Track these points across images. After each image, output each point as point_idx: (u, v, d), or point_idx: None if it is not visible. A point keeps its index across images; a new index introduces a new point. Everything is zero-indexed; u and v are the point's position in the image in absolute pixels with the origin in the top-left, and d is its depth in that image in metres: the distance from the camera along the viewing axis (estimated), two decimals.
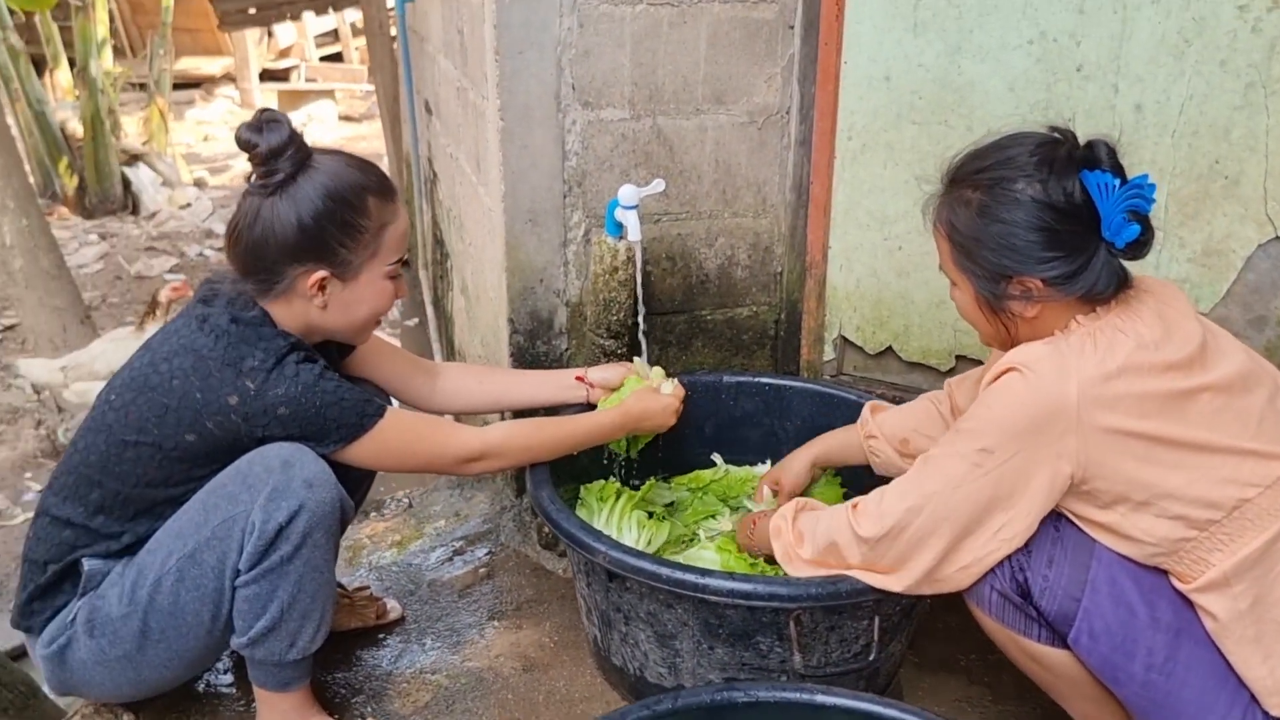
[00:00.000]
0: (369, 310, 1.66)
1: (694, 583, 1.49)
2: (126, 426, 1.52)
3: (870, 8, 2.11)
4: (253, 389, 1.49)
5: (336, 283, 1.59)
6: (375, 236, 1.60)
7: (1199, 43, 1.88)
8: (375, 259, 1.61)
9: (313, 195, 1.54)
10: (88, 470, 1.54)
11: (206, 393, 1.49)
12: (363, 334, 1.73)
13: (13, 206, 3.73)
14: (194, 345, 1.52)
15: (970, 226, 1.41)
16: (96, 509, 1.54)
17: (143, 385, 1.53)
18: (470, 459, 1.70)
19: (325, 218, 1.54)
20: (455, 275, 3.33)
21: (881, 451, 1.82)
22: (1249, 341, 1.98)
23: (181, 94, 10.30)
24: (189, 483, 1.54)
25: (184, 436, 1.51)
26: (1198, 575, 1.34)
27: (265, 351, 1.51)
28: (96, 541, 1.55)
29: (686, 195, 2.21)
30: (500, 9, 1.96)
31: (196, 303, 1.59)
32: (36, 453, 3.60)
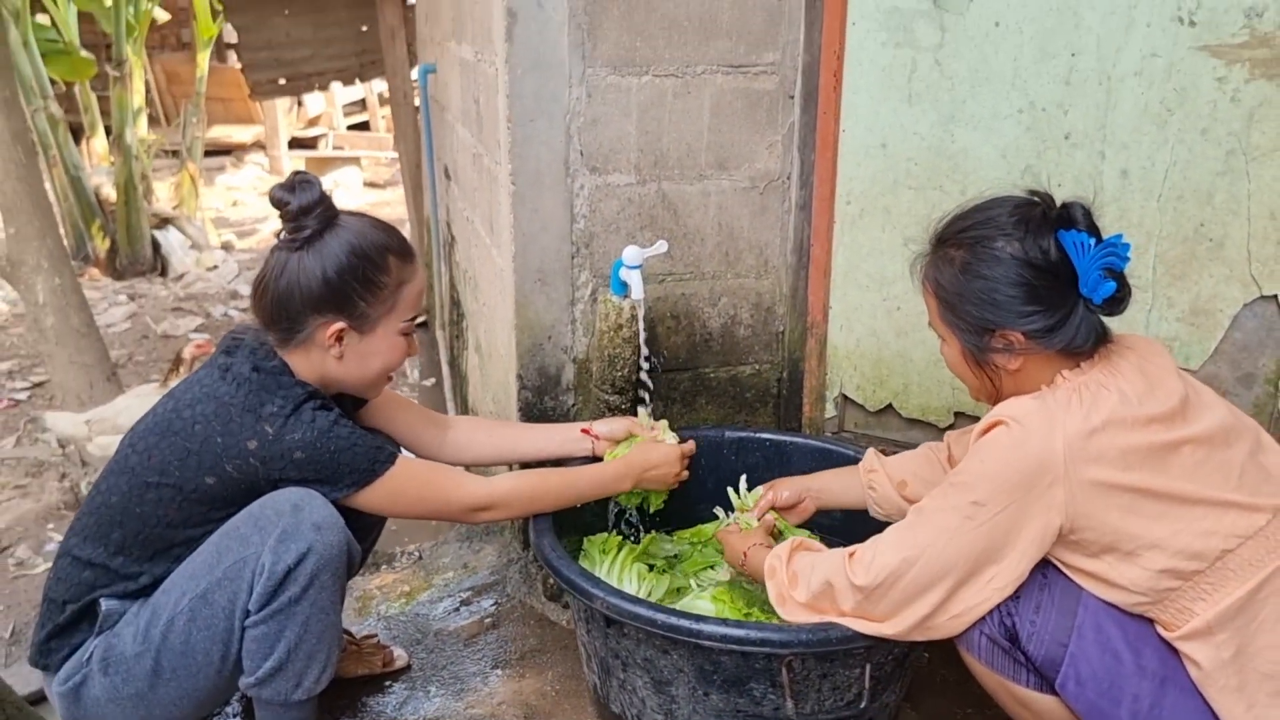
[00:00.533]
0: (381, 364, 1.73)
1: (688, 628, 1.53)
2: (149, 469, 1.58)
3: (867, 79, 2.20)
4: (271, 433, 1.56)
5: (354, 335, 1.68)
6: (393, 293, 1.69)
7: (1181, 112, 1.96)
8: (392, 314, 1.70)
9: (338, 250, 1.64)
10: (109, 511, 1.61)
11: (227, 437, 1.56)
12: (374, 388, 1.80)
13: (47, 266, 3.86)
14: (216, 393, 1.60)
15: (954, 283, 1.48)
16: (117, 549, 1.60)
17: (166, 430, 1.60)
18: (477, 508, 1.76)
19: (348, 272, 1.64)
20: (470, 334, 3.41)
21: (880, 486, 1.87)
22: (1238, 398, 2.03)
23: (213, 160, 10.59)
24: (206, 524, 1.60)
25: (204, 479, 1.57)
26: (1182, 624, 1.37)
27: (284, 399, 1.59)
28: (115, 581, 1.61)
29: (690, 257, 2.29)
30: (513, 80, 2.07)
31: (219, 353, 1.67)
32: (60, 505, 3.67)
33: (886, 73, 2.18)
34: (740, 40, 2.16)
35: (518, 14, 2.03)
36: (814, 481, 1.98)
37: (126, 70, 7.16)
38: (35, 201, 3.88)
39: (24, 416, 4.57)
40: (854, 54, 2.18)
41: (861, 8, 2.15)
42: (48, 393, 4.77)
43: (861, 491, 1.91)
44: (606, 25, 2.08)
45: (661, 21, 2.11)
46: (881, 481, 1.87)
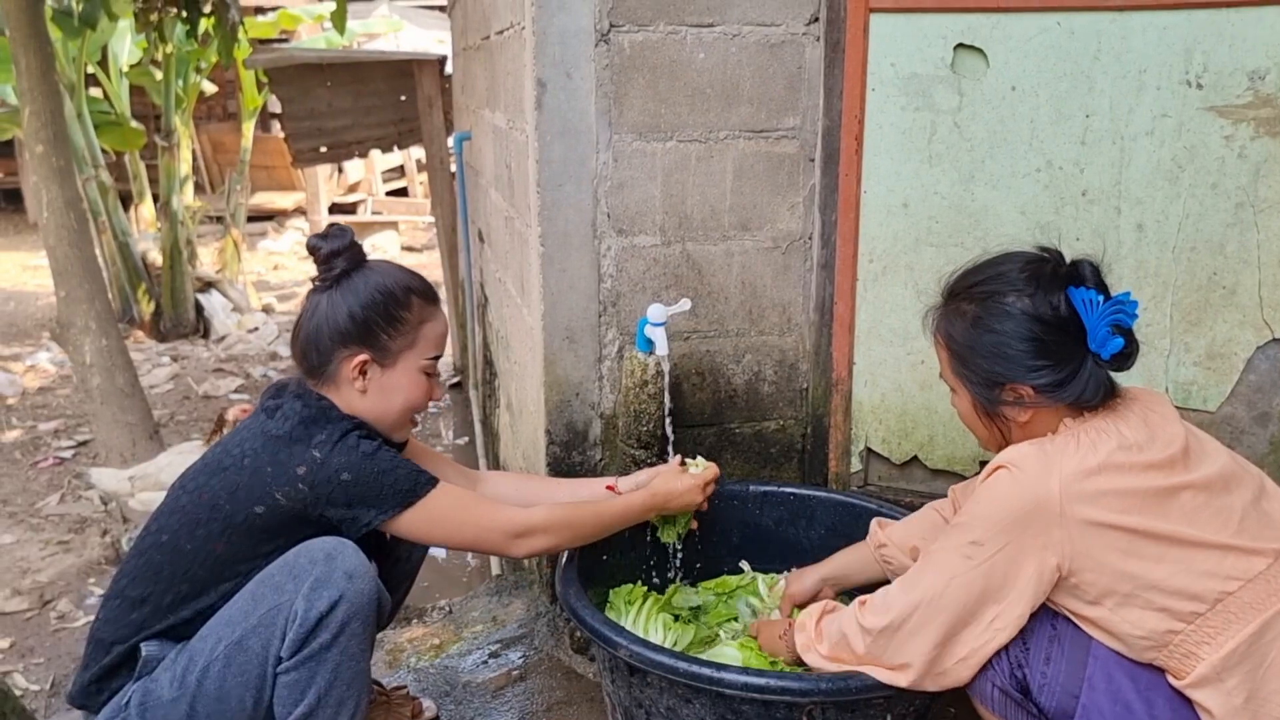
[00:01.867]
0: (404, 400, 1.80)
1: (709, 676, 1.55)
2: (200, 506, 1.66)
3: (887, 142, 2.26)
4: (319, 458, 1.64)
5: (376, 368, 1.76)
6: (414, 329, 1.79)
7: (1191, 168, 2.01)
8: (412, 350, 1.79)
9: (362, 287, 1.76)
10: (159, 550, 1.67)
11: (276, 466, 1.64)
12: (399, 427, 1.85)
13: (95, 328, 4.00)
14: (265, 429, 1.68)
15: (966, 336, 1.52)
16: (168, 586, 1.66)
17: (216, 468, 1.68)
18: (518, 534, 1.78)
19: (372, 306, 1.75)
20: (502, 393, 3.48)
21: (895, 559, 1.89)
22: (1254, 437, 2.05)
23: (255, 226, 10.88)
24: (254, 559, 1.65)
25: (253, 509, 1.64)
26: (1189, 670, 1.38)
27: (331, 429, 1.68)
28: (162, 619, 1.66)
29: (715, 315, 2.34)
30: (542, 146, 2.16)
31: (265, 398, 1.77)
32: (101, 560, 3.75)
33: (907, 135, 2.24)
34: (761, 107, 2.24)
35: (547, 84, 2.13)
36: (830, 568, 2.00)
37: (175, 140, 7.43)
38: (85, 266, 4.04)
39: (68, 474, 4.69)
40: (874, 118, 2.25)
41: (880, 74, 2.22)
42: (92, 451, 4.89)
43: (878, 567, 1.93)
44: (632, 94, 2.17)
45: (685, 90, 2.19)
46: (895, 554, 1.89)
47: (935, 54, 2.17)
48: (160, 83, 7.37)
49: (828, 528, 2.20)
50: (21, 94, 3.99)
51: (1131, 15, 2.03)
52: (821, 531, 2.21)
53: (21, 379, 6.13)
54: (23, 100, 3.98)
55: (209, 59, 7.56)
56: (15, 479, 4.64)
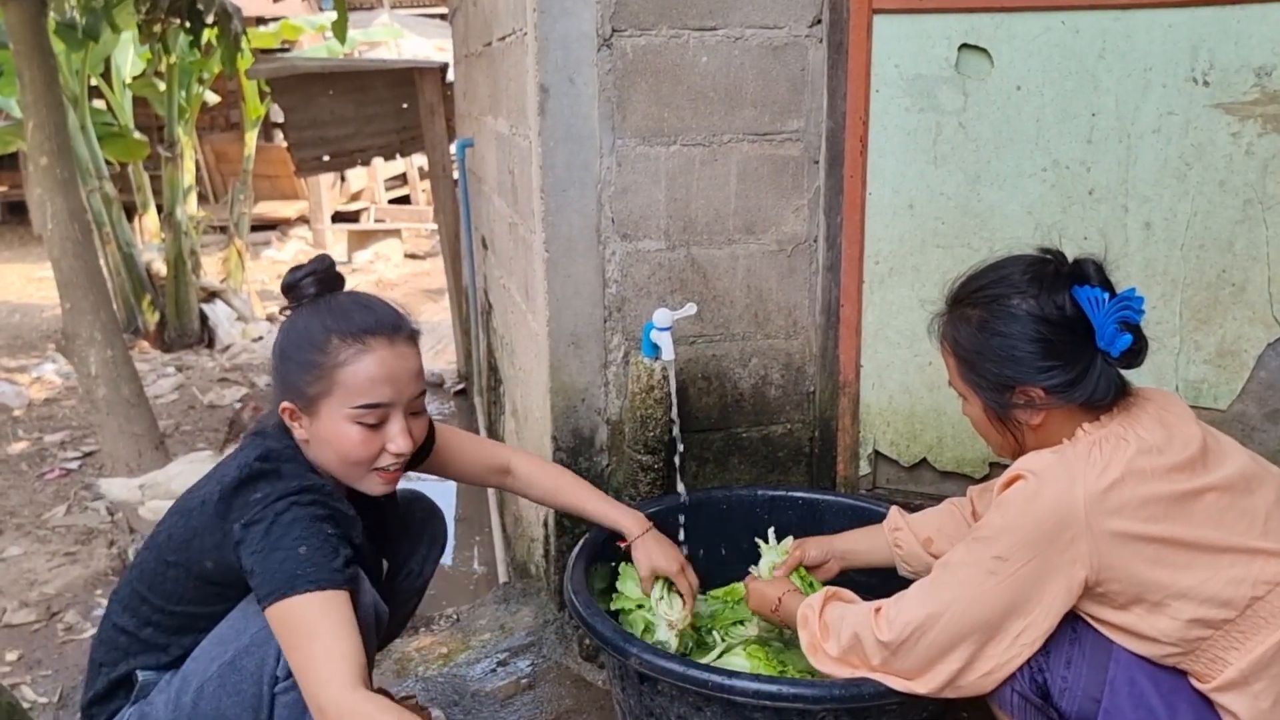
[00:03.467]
0: (334, 452, 1.60)
1: (720, 683, 1.54)
2: (168, 547, 1.60)
3: (892, 144, 2.26)
4: (245, 519, 1.51)
5: (304, 416, 1.60)
6: (328, 374, 1.57)
7: (1199, 166, 2.00)
8: (329, 397, 1.57)
9: (288, 326, 1.62)
10: (138, 585, 1.64)
11: (219, 519, 1.53)
12: (354, 480, 1.65)
13: (100, 339, 4.00)
14: (224, 476, 1.58)
15: (973, 341, 1.50)
16: (145, 621, 1.63)
17: (184, 509, 1.62)
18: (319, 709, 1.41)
19: (283, 349, 1.61)
20: (507, 399, 3.47)
21: (906, 544, 1.87)
22: (1266, 434, 2.04)
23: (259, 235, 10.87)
24: (223, 602, 1.60)
25: (204, 563, 1.57)
26: (1216, 674, 1.36)
27: (271, 487, 1.53)
28: (146, 652, 1.63)
29: (720, 319, 2.33)
30: (545, 152, 2.15)
31: (251, 433, 1.69)
32: (108, 571, 3.75)
33: (912, 136, 2.23)
34: (765, 109, 2.23)
35: (550, 89, 2.12)
36: (840, 542, 1.98)
37: (178, 151, 7.44)
38: (90, 277, 4.04)
39: (75, 485, 4.69)
40: (878, 119, 2.24)
41: (884, 75, 2.21)
42: (97, 462, 4.89)
43: (888, 550, 1.91)
44: (635, 98, 2.16)
45: (688, 94, 2.18)
46: (907, 539, 1.87)
47: (939, 54, 2.16)
48: (163, 94, 7.38)
49: (837, 532, 2.18)
50: (25, 107, 3.99)
51: (1136, 13, 2.02)
52: None
53: (27, 390, 6.14)
54: (26, 113, 3.99)
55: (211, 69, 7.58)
56: (22, 490, 4.64)
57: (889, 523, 1.93)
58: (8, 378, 6.33)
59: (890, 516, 1.94)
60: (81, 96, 6.70)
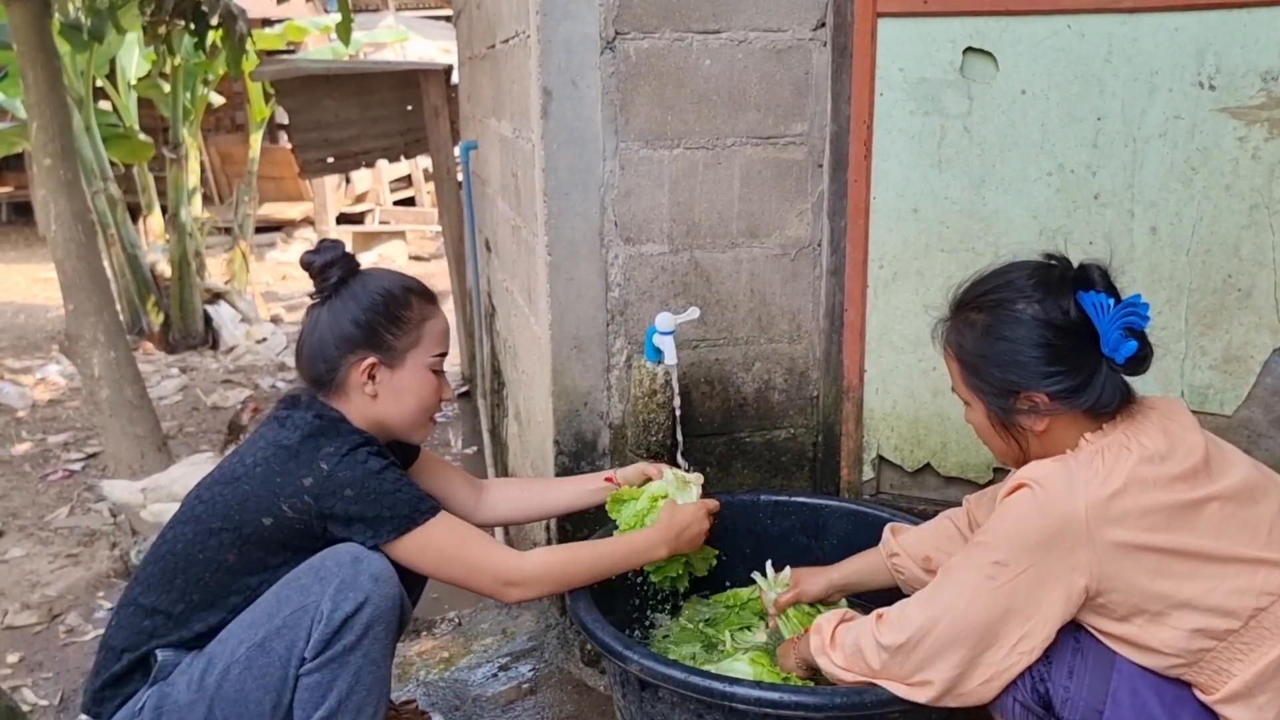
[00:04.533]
0: (415, 400, 1.79)
1: (721, 690, 1.53)
2: (213, 515, 1.66)
3: (896, 147, 2.25)
4: (325, 470, 1.63)
5: (384, 370, 1.76)
6: (417, 327, 1.79)
7: (1205, 170, 1.99)
8: (418, 348, 1.79)
9: (361, 292, 1.76)
10: (174, 558, 1.67)
11: (285, 476, 1.63)
12: (416, 428, 1.84)
13: (103, 340, 4.00)
14: (276, 439, 1.68)
15: (977, 346, 1.50)
16: (179, 596, 1.66)
17: (229, 478, 1.68)
18: (510, 582, 1.75)
19: (373, 309, 1.75)
20: (510, 402, 3.47)
21: (906, 568, 1.86)
22: (1271, 440, 2.03)
23: (263, 237, 10.90)
24: (263, 571, 1.65)
25: (262, 520, 1.63)
26: (1220, 686, 1.35)
27: (340, 441, 1.67)
28: (175, 629, 1.66)
29: (723, 323, 2.32)
30: (548, 154, 2.14)
31: (279, 407, 1.76)
32: (110, 573, 3.74)
33: (916, 140, 2.22)
34: (769, 113, 2.22)
35: (553, 92, 2.12)
36: (837, 573, 1.97)
37: (183, 152, 7.45)
38: (94, 279, 4.04)
39: (78, 487, 4.69)
40: (883, 123, 2.23)
41: (889, 79, 2.20)
42: (101, 463, 4.89)
43: (888, 574, 1.90)
44: (638, 101, 2.15)
45: (691, 97, 2.18)
46: (906, 564, 1.87)
47: (944, 58, 2.15)
48: (168, 95, 7.39)
49: (840, 537, 2.18)
50: (30, 108, 3.99)
51: (1142, 17, 2.01)
52: (834, 541, 2.19)
53: (31, 392, 6.14)
54: (31, 114, 3.99)
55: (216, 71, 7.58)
56: (25, 492, 4.64)
57: (885, 548, 1.92)
58: (12, 379, 6.34)
59: (885, 540, 1.93)
60: (86, 98, 6.71)
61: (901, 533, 1.92)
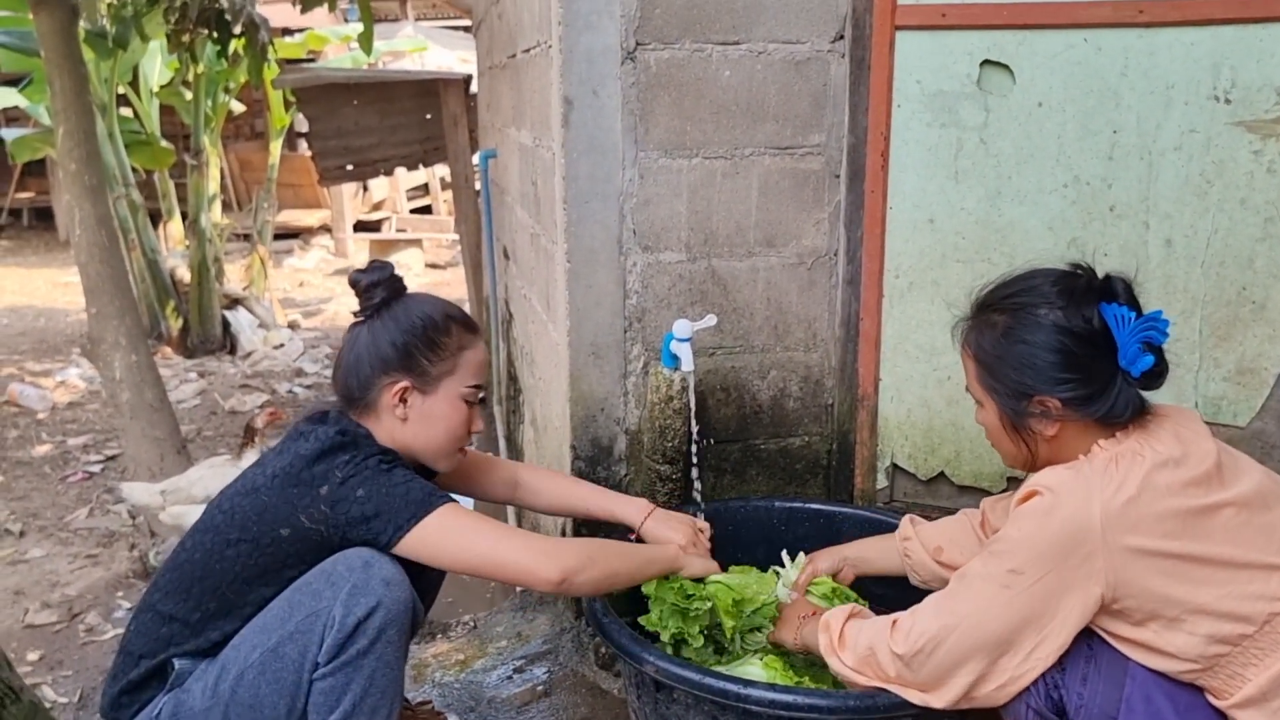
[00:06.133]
0: (445, 428, 1.79)
1: (736, 692, 1.55)
2: (231, 525, 1.67)
3: (913, 159, 2.27)
4: (340, 477, 1.65)
5: (417, 395, 1.77)
6: (454, 355, 1.79)
7: (1220, 183, 2.00)
8: (452, 376, 1.79)
9: (403, 315, 1.78)
10: (192, 567, 1.68)
11: (302, 487, 1.65)
12: (443, 457, 1.84)
13: (125, 344, 4.05)
14: (298, 450, 1.69)
15: (995, 346, 1.52)
16: (196, 604, 1.67)
17: (249, 489, 1.70)
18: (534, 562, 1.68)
19: (411, 333, 1.76)
20: (526, 409, 3.49)
21: (915, 554, 1.88)
22: None
23: (281, 244, 10.98)
24: (278, 584, 1.66)
25: (279, 531, 1.65)
26: (1234, 691, 1.36)
27: (357, 453, 1.68)
28: (191, 637, 1.67)
29: (740, 331, 2.34)
30: (569, 163, 2.17)
31: (304, 421, 1.78)
32: (129, 574, 3.79)
33: (933, 152, 2.24)
34: (787, 124, 2.25)
35: (574, 102, 2.15)
36: (851, 550, 2.00)
37: (203, 159, 7.53)
38: (116, 283, 4.09)
39: (97, 488, 4.74)
40: (900, 134, 2.25)
41: (906, 91, 2.22)
42: (120, 465, 4.94)
43: (898, 559, 1.92)
44: (658, 111, 2.18)
45: (710, 107, 2.20)
46: (916, 549, 1.88)
47: (961, 70, 2.17)
48: (190, 102, 7.47)
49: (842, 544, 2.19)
50: (55, 113, 4.05)
51: (1159, 31, 2.03)
52: None
53: (52, 394, 6.21)
54: (56, 119, 4.05)
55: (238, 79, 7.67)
56: (45, 493, 4.69)
57: (900, 532, 1.94)
58: (33, 381, 6.41)
59: (901, 526, 1.95)
60: (110, 104, 6.80)
61: (919, 523, 1.94)
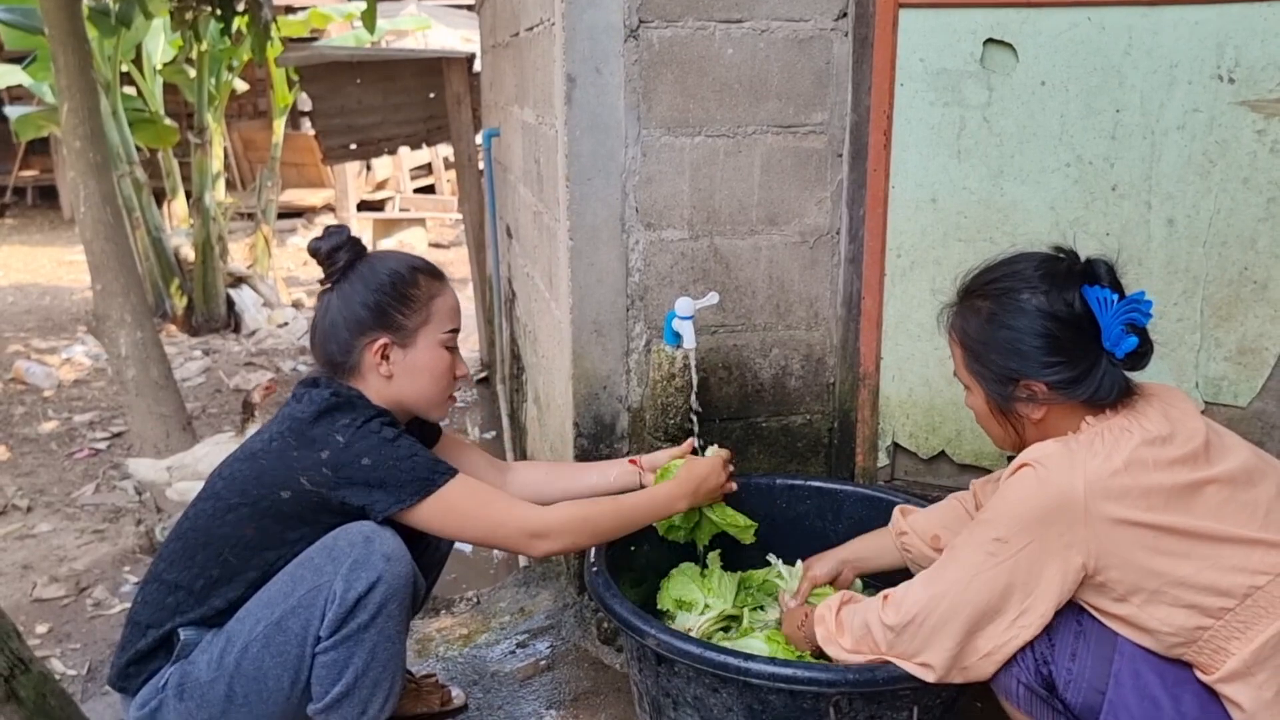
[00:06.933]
0: (430, 376, 1.82)
1: (737, 666, 1.57)
2: (232, 491, 1.70)
3: (916, 138, 2.27)
4: (342, 442, 1.67)
5: (397, 349, 1.80)
6: (426, 305, 1.81)
7: (1223, 163, 2.01)
8: (428, 325, 1.81)
9: (369, 274, 1.81)
10: (195, 534, 1.71)
11: (301, 450, 1.68)
12: (434, 405, 1.86)
13: (130, 321, 4.07)
14: (294, 414, 1.72)
15: (980, 332, 1.53)
16: (199, 571, 1.70)
17: (249, 455, 1.73)
18: (534, 533, 1.76)
19: (380, 290, 1.79)
20: (529, 387, 3.51)
21: (914, 547, 1.90)
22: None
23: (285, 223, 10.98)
24: (280, 546, 1.69)
25: (279, 494, 1.67)
26: (1219, 665, 1.38)
27: (355, 414, 1.71)
28: (196, 605, 1.70)
29: (742, 309, 2.35)
30: (571, 141, 2.18)
31: (298, 387, 1.81)
32: (135, 549, 3.82)
33: (935, 130, 2.25)
34: (789, 102, 2.25)
35: (577, 79, 2.15)
36: (847, 552, 2.01)
37: (207, 138, 7.53)
38: (121, 260, 4.11)
39: (103, 465, 4.77)
40: (902, 113, 2.25)
41: (909, 69, 2.22)
42: (126, 442, 4.98)
43: (896, 554, 1.94)
44: (661, 89, 2.18)
45: (713, 85, 2.20)
46: (914, 543, 1.90)
47: (964, 49, 2.17)
48: (193, 81, 7.46)
49: (854, 521, 2.21)
50: (60, 91, 4.06)
51: (1163, 10, 2.02)
52: (848, 525, 2.22)
53: (57, 372, 6.24)
54: (61, 97, 4.05)
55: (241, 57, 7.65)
56: (51, 469, 4.73)
57: (894, 526, 1.95)
58: (38, 359, 6.44)
59: (894, 520, 1.96)
60: (114, 83, 6.79)
61: (910, 513, 1.95)
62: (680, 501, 1.93)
